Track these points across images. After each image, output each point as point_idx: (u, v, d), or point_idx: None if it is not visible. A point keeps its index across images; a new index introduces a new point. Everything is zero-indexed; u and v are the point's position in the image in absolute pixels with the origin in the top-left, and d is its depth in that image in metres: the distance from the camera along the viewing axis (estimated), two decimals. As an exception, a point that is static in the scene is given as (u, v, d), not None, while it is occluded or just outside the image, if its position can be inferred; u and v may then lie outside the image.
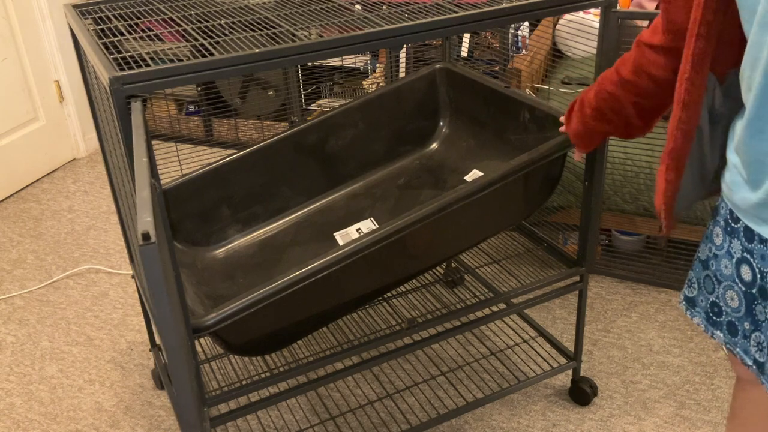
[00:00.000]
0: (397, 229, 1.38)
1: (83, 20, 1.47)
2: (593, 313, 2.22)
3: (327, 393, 1.96)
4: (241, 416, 1.43)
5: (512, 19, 1.38)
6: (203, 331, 1.26)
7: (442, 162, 1.94)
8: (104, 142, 1.66)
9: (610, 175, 2.16)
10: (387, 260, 1.43)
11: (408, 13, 1.40)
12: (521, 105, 1.76)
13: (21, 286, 2.52)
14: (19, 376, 2.10)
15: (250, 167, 1.78)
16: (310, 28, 1.35)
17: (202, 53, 1.23)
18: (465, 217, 1.48)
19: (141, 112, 1.10)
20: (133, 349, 2.18)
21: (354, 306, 1.46)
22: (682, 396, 1.89)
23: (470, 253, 2.38)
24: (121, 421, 1.92)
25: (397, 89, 1.93)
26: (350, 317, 2.10)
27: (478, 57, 2.82)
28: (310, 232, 1.81)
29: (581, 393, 1.87)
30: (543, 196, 1.62)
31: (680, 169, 1.12)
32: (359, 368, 1.51)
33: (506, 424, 1.84)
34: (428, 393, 1.94)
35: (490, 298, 1.63)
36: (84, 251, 2.71)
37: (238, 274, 1.70)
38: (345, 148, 1.90)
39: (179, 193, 1.71)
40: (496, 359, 2.04)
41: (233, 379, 1.97)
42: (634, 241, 2.37)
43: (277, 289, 1.30)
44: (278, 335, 1.39)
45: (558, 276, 1.70)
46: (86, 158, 3.50)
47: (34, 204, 3.08)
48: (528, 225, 1.91)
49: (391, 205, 1.85)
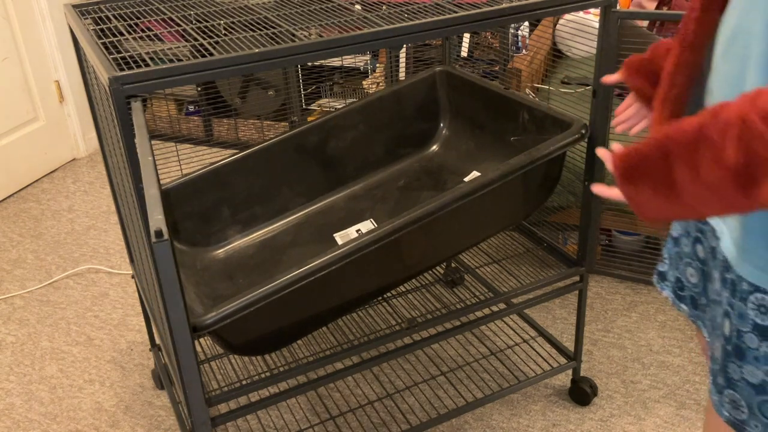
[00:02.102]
0: (396, 228, 1.38)
1: (83, 20, 1.47)
2: (593, 313, 2.22)
3: (327, 393, 1.96)
4: (241, 416, 1.43)
5: (512, 19, 1.38)
6: (203, 330, 1.26)
7: (442, 164, 1.94)
8: (104, 142, 1.66)
9: (610, 175, 2.17)
10: (386, 260, 1.43)
11: (408, 13, 1.40)
12: (520, 106, 1.76)
13: (21, 286, 2.52)
14: (19, 376, 2.10)
15: (250, 168, 1.78)
16: (310, 28, 1.35)
17: (201, 53, 1.23)
18: (464, 216, 1.48)
19: (141, 112, 1.10)
20: (133, 349, 2.18)
21: (354, 306, 1.46)
22: (682, 396, 1.89)
23: (470, 253, 2.39)
24: (121, 421, 1.92)
25: (397, 91, 1.93)
26: (350, 317, 2.10)
27: (478, 57, 2.82)
28: (310, 233, 1.81)
29: (581, 393, 1.87)
30: (543, 196, 1.62)
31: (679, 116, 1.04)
32: (359, 368, 1.51)
33: (506, 424, 1.84)
34: (428, 393, 1.94)
35: (490, 298, 1.63)
36: (84, 251, 2.71)
37: (238, 275, 1.70)
38: (345, 149, 1.90)
39: (179, 194, 1.71)
40: (496, 359, 2.04)
41: (233, 379, 1.97)
42: (634, 241, 2.37)
43: (276, 288, 1.30)
44: (278, 335, 1.39)
45: (558, 276, 1.70)
46: (86, 158, 3.50)
47: (34, 204, 3.08)
48: (528, 225, 1.91)
49: (391, 206, 1.85)
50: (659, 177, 0.87)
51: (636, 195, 0.91)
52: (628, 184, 0.91)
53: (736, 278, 0.99)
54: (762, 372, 1.00)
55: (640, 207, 0.92)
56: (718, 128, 0.78)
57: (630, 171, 0.90)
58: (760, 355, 0.99)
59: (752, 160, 0.75)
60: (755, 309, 0.97)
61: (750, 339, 1.00)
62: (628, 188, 0.92)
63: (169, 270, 0.86)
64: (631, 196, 0.92)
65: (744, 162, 0.76)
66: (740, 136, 0.76)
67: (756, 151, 0.75)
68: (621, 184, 0.93)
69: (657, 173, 0.87)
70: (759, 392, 1.02)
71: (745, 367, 1.01)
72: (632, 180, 0.90)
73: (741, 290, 0.99)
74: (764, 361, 1.00)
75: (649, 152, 0.88)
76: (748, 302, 0.98)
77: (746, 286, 0.97)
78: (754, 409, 1.03)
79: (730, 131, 0.77)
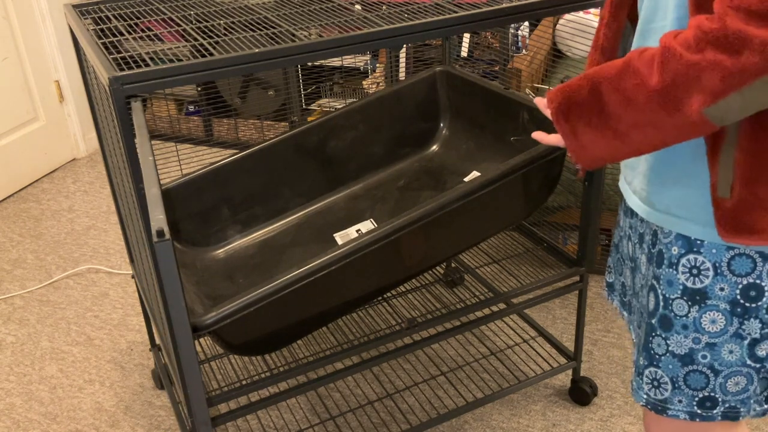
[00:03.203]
0: (397, 228, 1.38)
1: (83, 20, 1.47)
2: (593, 313, 2.22)
3: (327, 393, 1.96)
4: (241, 416, 1.43)
5: (512, 19, 1.38)
6: (203, 330, 1.26)
7: (442, 164, 1.94)
8: (104, 142, 1.66)
9: (610, 175, 2.16)
10: (387, 260, 1.43)
11: (408, 13, 1.40)
12: (520, 106, 1.76)
13: (21, 286, 2.52)
14: (19, 376, 2.10)
15: (250, 168, 1.78)
16: (310, 28, 1.35)
17: (201, 53, 1.23)
18: (465, 216, 1.48)
19: (141, 112, 1.10)
20: (133, 349, 2.18)
21: (354, 306, 1.46)
22: (682, 396, 1.89)
23: (470, 253, 2.38)
24: (121, 421, 1.92)
25: (397, 92, 1.93)
26: (350, 317, 2.10)
27: (478, 57, 2.82)
28: (310, 233, 1.81)
29: (581, 393, 1.87)
30: (543, 196, 1.62)
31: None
32: (359, 368, 1.51)
33: (506, 424, 1.84)
34: (428, 393, 1.94)
35: (490, 298, 1.63)
36: (84, 251, 2.71)
37: (238, 275, 1.70)
38: (345, 149, 1.90)
39: (179, 194, 1.71)
40: (496, 359, 2.04)
41: (233, 379, 1.97)
42: (634, 241, 2.37)
43: (276, 288, 1.30)
44: (278, 335, 1.39)
45: (558, 276, 1.70)
46: (86, 158, 3.50)
47: (34, 204, 3.08)
48: (528, 225, 1.91)
49: (391, 206, 1.85)
50: (590, 105, 0.94)
51: (570, 130, 0.97)
52: (564, 120, 0.97)
53: (664, 246, 1.02)
54: (690, 340, 1.02)
55: (576, 144, 0.97)
56: (643, 60, 0.88)
57: (563, 103, 0.97)
58: (689, 322, 1.01)
59: (674, 80, 0.84)
60: (686, 272, 0.99)
61: (678, 306, 1.01)
62: (563, 124, 0.97)
63: (170, 270, 0.86)
64: (566, 132, 0.97)
65: (668, 82, 0.85)
66: (662, 61, 0.85)
67: (676, 70, 0.83)
68: (556, 120, 0.98)
69: (588, 102, 0.94)
70: (686, 362, 1.03)
71: (672, 338, 1.03)
72: (566, 113, 0.96)
73: (670, 256, 1.01)
74: (693, 328, 1.01)
75: (579, 83, 0.95)
76: (679, 266, 1.00)
77: (676, 250, 1.00)
78: (679, 381, 1.04)
79: (654, 59, 0.87)
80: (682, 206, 0.99)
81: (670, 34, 0.87)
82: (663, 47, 0.85)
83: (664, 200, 1.02)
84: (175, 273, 0.87)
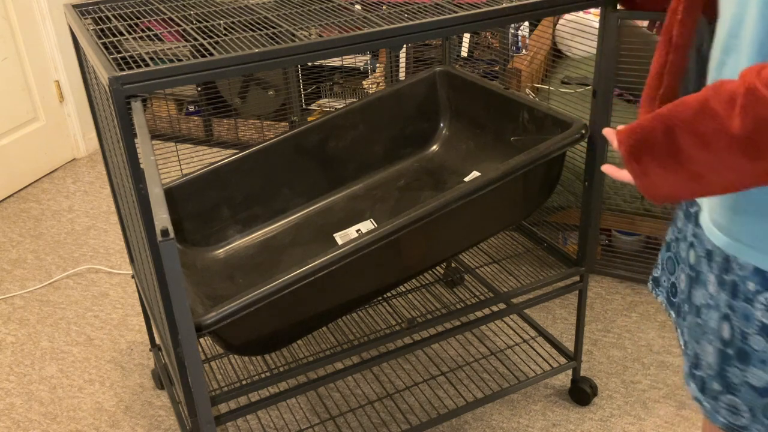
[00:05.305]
0: (396, 228, 1.38)
1: (83, 20, 1.47)
2: (593, 313, 2.22)
3: (327, 393, 1.96)
4: (241, 416, 1.43)
5: (512, 19, 1.38)
6: (203, 330, 1.26)
7: (442, 164, 1.94)
8: (104, 142, 1.66)
9: (610, 180, 2.16)
10: (387, 260, 1.43)
11: (408, 13, 1.40)
12: (520, 106, 1.76)
13: (21, 286, 2.52)
14: (19, 376, 2.10)
15: (250, 168, 1.78)
16: (310, 28, 1.35)
17: (202, 53, 1.23)
18: (464, 216, 1.48)
19: (141, 112, 1.10)
20: (133, 349, 2.18)
21: (354, 306, 1.46)
22: (682, 396, 1.89)
23: (470, 253, 2.38)
24: (121, 421, 1.92)
25: (397, 92, 1.93)
26: (350, 317, 2.10)
27: (478, 57, 2.82)
28: (310, 233, 1.81)
29: (581, 393, 1.87)
30: (543, 196, 1.62)
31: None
32: (359, 368, 1.51)
33: (506, 424, 1.84)
34: (428, 393, 1.94)
35: (490, 298, 1.63)
36: (84, 251, 2.71)
37: (238, 275, 1.70)
38: (345, 149, 1.90)
39: (179, 194, 1.71)
40: (496, 359, 2.04)
41: (233, 379, 1.97)
42: (634, 241, 2.37)
43: (276, 288, 1.30)
44: (278, 335, 1.39)
45: (558, 276, 1.70)
46: (86, 158, 3.50)
47: (34, 204, 3.08)
48: (528, 225, 1.91)
49: (391, 206, 1.85)
50: (664, 148, 0.88)
51: (642, 171, 0.92)
52: (634, 160, 0.92)
53: (739, 279, 0.97)
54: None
55: (647, 183, 0.92)
56: (721, 99, 0.79)
57: (635, 146, 0.91)
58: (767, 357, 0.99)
59: (758, 126, 0.76)
60: (763, 308, 0.95)
61: (756, 341, 0.98)
62: (634, 165, 0.92)
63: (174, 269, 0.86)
64: (637, 173, 0.93)
65: (750, 129, 0.77)
66: (745, 104, 0.76)
67: (761, 116, 0.75)
68: (627, 161, 0.93)
69: (662, 145, 0.88)
70: (764, 395, 1.01)
71: (749, 371, 1.00)
72: (638, 155, 0.91)
73: (746, 291, 0.97)
74: None
75: (652, 125, 0.89)
76: (755, 303, 0.96)
77: (752, 286, 0.96)
78: (757, 412, 1.02)
79: (735, 101, 0.77)
80: (757, 237, 0.92)
81: (753, 69, 0.77)
82: (746, 88, 0.76)
83: (735, 226, 0.95)
84: (179, 272, 0.87)
